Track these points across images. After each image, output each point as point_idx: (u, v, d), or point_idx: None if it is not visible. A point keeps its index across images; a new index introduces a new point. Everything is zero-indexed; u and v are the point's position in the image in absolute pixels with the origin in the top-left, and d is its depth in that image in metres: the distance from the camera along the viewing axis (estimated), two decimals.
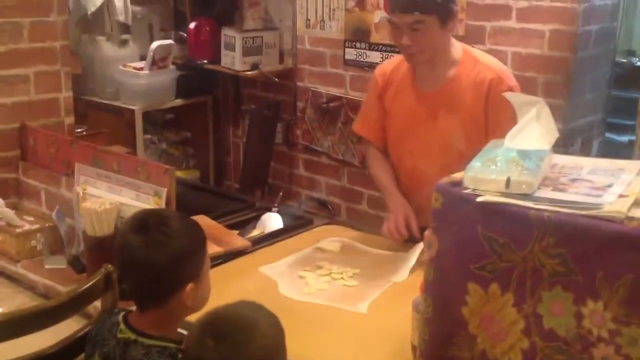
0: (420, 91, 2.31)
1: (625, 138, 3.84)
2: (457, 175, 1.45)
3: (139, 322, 1.55)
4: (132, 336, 1.53)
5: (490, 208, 1.35)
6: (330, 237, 2.43)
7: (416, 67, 2.30)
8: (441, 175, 2.12)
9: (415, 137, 2.34)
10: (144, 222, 1.54)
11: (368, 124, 2.50)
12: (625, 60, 4.09)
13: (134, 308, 1.60)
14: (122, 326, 1.56)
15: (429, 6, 2.12)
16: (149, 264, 1.49)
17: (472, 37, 3.52)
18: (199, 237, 1.58)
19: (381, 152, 2.49)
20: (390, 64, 2.43)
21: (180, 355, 1.47)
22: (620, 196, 1.34)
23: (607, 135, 3.74)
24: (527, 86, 3.31)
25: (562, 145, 3.32)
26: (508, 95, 1.53)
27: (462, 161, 1.99)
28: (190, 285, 1.52)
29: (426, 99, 2.30)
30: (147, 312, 1.55)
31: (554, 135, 1.49)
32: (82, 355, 1.71)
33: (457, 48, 2.29)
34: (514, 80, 2.27)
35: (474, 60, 2.26)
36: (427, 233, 1.47)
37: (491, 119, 2.21)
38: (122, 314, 1.60)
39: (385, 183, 2.43)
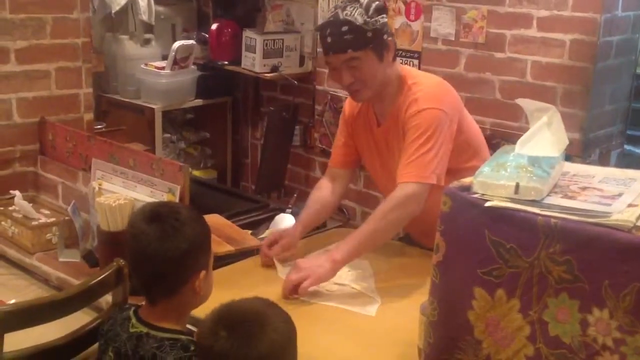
0: (377, 124, 2.29)
1: None
2: (466, 180, 1.45)
3: (150, 315, 1.57)
4: (144, 330, 1.54)
5: (498, 213, 1.36)
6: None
7: (368, 102, 2.26)
8: None
9: (383, 170, 2.33)
10: (156, 212, 1.56)
11: (334, 151, 2.48)
12: None
13: (144, 303, 1.62)
14: (133, 320, 1.57)
15: (360, 42, 2.08)
16: (166, 253, 1.50)
17: (492, 45, 3.52)
18: (207, 226, 1.61)
19: (333, 180, 2.43)
20: None
21: (192, 347, 1.48)
22: (630, 205, 1.33)
23: (626, 147, 3.71)
24: (546, 95, 3.31)
25: (580, 156, 3.31)
26: (520, 101, 1.53)
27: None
28: (203, 273, 1.55)
29: (381, 133, 2.28)
30: (159, 305, 1.56)
31: (565, 142, 1.48)
32: (92, 348, 1.73)
33: (399, 75, 2.21)
34: (435, 103, 2.12)
35: (408, 87, 2.19)
36: (436, 235, 1.47)
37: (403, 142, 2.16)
38: (132, 308, 1.62)
39: (302, 213, 2.41)
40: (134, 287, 1.75)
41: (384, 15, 2.14)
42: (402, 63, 3.84)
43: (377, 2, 2.12)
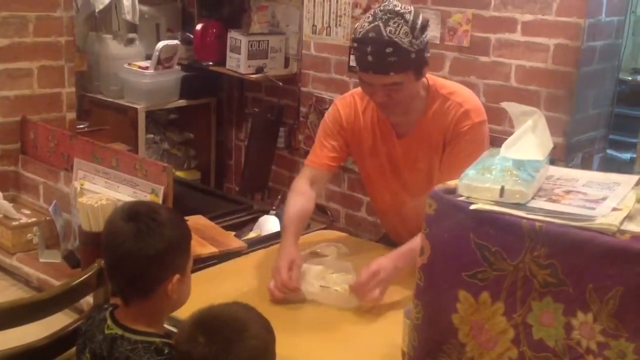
0: (395, 133, 2.23)
1: (626, 155, 3.85)
2: (451, 183, 1.45)
3: (125, 317, 1.55)
4: (119, 332, 1.52)
5: (483, 216, 1.35)
6: (326, 242, 2.43)
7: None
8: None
9: (398, 179, 2.28)
10: (135, 211, 1.53)
11: (319, 153, 2.32)
12: (630, 78, 4.10)
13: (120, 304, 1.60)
14: (109, 322, 1.56)
15: (404, 65, 1.97)
16: (140, 252, 1.48)
17: (477, 49, 3.53)
18: (186, 229, 1.58)
19: (312, 183, 2.31)
20: (355, 97, 2.27)
21: (166, 350, 1.47)
22: (614, 209, 1.34)
23: (609, 151, 3.74)
24: (529, 99, 3.32)
25: (563, 160, 3.33)
26: (505, 104, 1.53)
27: None
28: (176, 277, 1.52)
29: (403, 144, 2.22)
30: (132, 305, 1.54)
31: (549, 146, 1.49)
32: (72, 350, 1.71)
33: (424, 84, 2.16)
34: (483, 116, 2.16)
35: (443, 97, 2.15)
36: (421, 238, 1.46)
37: (447, 153, 2.14)
38: (109, 309, 1.60)
39: (288, 223, 2.22)
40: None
41: (427, 33, 2.03)
42: None
43: (421, 18, 2.01)
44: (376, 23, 1.96)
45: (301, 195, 2.27)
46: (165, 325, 1.65)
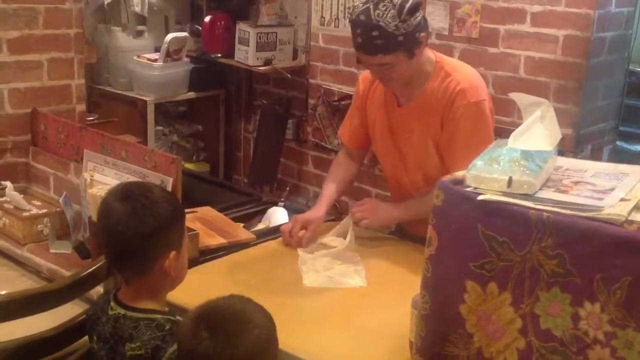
0: (397, 105, 2.28)
1: (636, 147, 3.84)
2: (459, 173, 1.45)
3: (126, 296, 1.58)
4: (121, 311, 1.56)
5: (490, 207, 1.36)
6: (335, 234, 2.44)
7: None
8: (424, 186, 2.21)
9: (395, 151, 2.33)
10: (128, 190, 1.57)
11: (347, 128, 2.51)
12: None
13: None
14: (112, 303, 1.59)
15: (392, 46, 2.02)
16: (135, 229, 1.50)
17: (486, 40, 3.52)
18: (179, 205, 1.62)
19: (350, 157, 2.52)
20: None
21: (167, 326, 1.51)
22: (622, 200, 1.34)
23: (618, 143, 3.72)
24: (539, 91, 3.31)
25: (572, 152, 3.32)
26: (513, 95, 1.53)
27: (441, 173, 1.90)
28: (173, 253, 1.55)
29: (402, 113, 2.26)
30: (133, 284, 1.57)
31: (558, 136, 1.49)
32: (82, 340, 1.73)
33: (430, 60, 2.20)
34: (482, 95, 2.16)
35: (446, 73, 2.18)
36: (428, 228, 1.47)
37: (445, 133, 2.17)
38: (113, 292, 1.63)
39: (324, 191, 2.49)
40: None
41: (417, 15, 2.05)
42: None
43: (411, 0, 2.03)
44: (367, 5, 2.02)
45: (339, 165, 2.52)
46: (178, 318, 1.66)
